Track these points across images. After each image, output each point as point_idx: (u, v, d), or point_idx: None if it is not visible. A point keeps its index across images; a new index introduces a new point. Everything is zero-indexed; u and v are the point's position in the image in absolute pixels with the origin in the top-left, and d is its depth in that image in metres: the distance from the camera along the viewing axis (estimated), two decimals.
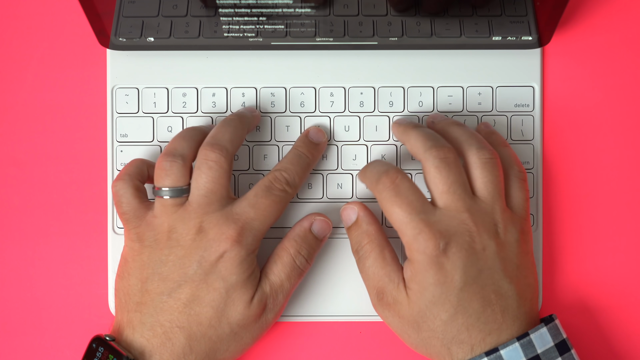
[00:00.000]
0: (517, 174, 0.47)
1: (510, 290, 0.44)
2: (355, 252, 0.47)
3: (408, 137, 0.47)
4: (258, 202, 0.45)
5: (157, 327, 0.44)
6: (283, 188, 0.46)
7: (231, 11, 0.47)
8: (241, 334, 0.45)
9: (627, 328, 0.52)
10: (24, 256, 0.52)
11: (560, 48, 0.52)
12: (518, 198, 0.47)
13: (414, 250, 0.43)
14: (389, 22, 0.49)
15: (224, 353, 0.45)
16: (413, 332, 0.45)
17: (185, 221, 0.45)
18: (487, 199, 0.45)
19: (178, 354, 0.44)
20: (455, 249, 0.43)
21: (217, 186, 0.45)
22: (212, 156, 0.45)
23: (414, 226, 0.43)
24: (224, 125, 0.47)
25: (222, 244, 0.44)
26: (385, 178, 0.45)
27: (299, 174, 0.47)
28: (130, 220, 0.46)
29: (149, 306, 0.44)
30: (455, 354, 0.44)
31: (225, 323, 0.45)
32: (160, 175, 0.46)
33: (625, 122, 0.52)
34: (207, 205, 0.45)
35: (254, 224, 0.45)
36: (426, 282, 0.43)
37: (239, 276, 0.44)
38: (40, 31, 0.52)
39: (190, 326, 0.44)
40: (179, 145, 0.46)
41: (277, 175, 0.46)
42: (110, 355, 0.43)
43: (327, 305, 0.51)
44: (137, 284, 0.45)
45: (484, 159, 0.45)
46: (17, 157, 0.52)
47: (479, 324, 0.44)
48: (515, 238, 0.45)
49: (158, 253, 0.45)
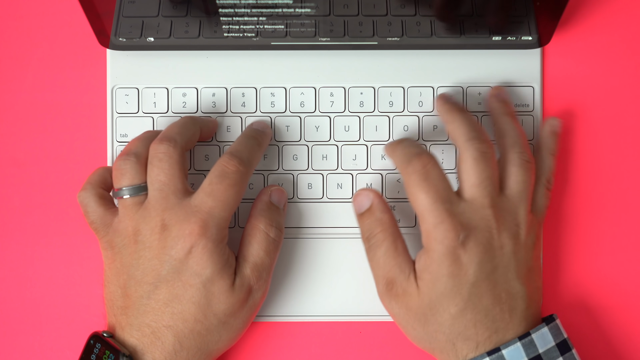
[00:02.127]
0: (546, 183, 0.48)
1: (521, 292, 0.44)
2: (366, 239, 0.47)
3: (452, 119, 0.47)
4: (214, 189, 0.44)
5: (144, 327, 0.44)
6: (236, 169, 0.45)
7: (231, 11, 0.47)
8: (230, 322, 0.45)
9: (628, 328, 0.52)
10: (24, 256, 0.52)
11: (560, 48, 0.52)
12: (540, 204, 0.47)
13: (433, 238, 0.43)
14: (389, 22, 0.49)
15: (216, 344, 0.45)
16: (419, 325, 0.45)
17: (147, 220, 0.44)
18: (514, 198, 0.45)
19: (169, 352, 0.44)
20: (473, 243, 0.43)
21: (169, 178, 0.44)
22: (161, 148, 0.45)
23: (437, 215, 0.43)
24: (173, 123, 0.47)
25: (187, 240, 0.43)
26: (417, 161, 0.44)
27: (251, 152, 0.46)
28: (99, 229, 0.46)
29: (132, 309, 0.45)
30: (460, 350, 0.44)
31: (211, 315, 0.44)
32: (117, 176, 0.46)
33: (625, 122, 0.52)
34: (163, 200, 0.44)
35: (215, 212, 0.44)
36: (440, 273, 0.43)
37: (212, 268, 0.44)
38: (40, 31, 0.52)
39: (176, 324, 0.44)
40: (133, 145, 0.47)
41: (227, 157, 0.45)
42: (107, 351, 0.43)
43: (327, 305, 0.51)
44: (117, 290, 0.45)
45: (523, 160, 0.46)
46: (17, 157, 0.52)
47: (486, 320, 0.43)
48: (532, 241, 0.46)
49: (129, 258, 0.45)
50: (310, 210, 0.51)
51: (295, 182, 0.51)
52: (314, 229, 0.51)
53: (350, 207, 0.51)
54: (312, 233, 0.51)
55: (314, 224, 0.51)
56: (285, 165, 0.51)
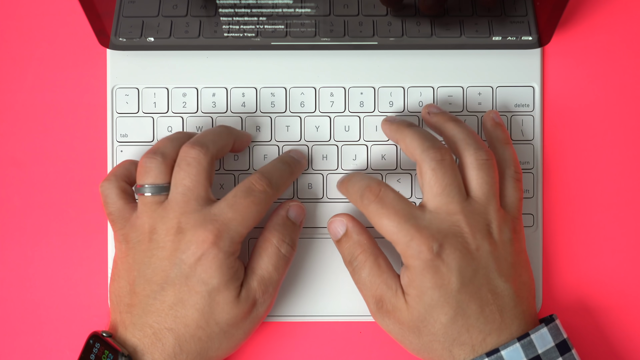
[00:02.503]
0: (513, 174, 0.47)
1: (506, 290, 0.44)
2: (349, 263, 0.47)
3: (403, 136, 0.47)
4: (237, 202, 0.44)
5: (146, 328, 0.44)
6: (264, 189, 0.45)
7: (231, 11, 0.47)
8: (232, 332, 0.45)
9: (628, 328, 0.52)
10: (24, 256, 0.52)
11: (560, 48, 0.52)
12: (512, 197, 0.47)
13: (409, 256, 0.43)
14: (389, 22, 0.49)
15: (216, 351, 0.45)
16: (414, 338, 0.45)
17: (165, 221, 0.44)
18: (482, 200, 0.45)
19: (169, 354, 0.44)
20: (449, 251, 0.43)
21: (194, 183, 0.44)
22: (192, 153, 0.45)
23: (405, 234, 0.43)
24: (209, 129, 0.47)
25: (200, 247, 0.43)
26: (368, 192, 0.45)
27: (281, 177, 0.47)
28: (116, 221, 0.46)
29: (137, 308, 0.45)
30: (457, 356, 0.44)
31: (213, 324, 0.44)
32: (141, 172, 0.46)
33: (625, 122, 0.52)
34: (184, 204, 0.44)
35: (232, 225, 0.44)
36: (424, 287, 0.43)
37: (219, 279, 0.44)
38: (40, 31, 0.52)
39: (177, 328, 0.44)
40: (162, 144, 0.46)
41: (257, 176, 0.46)
42: (106, 351, 0.43)
43: (327, 305, 0.51)
44: (126, 286, 0.45)
45: (480, 160, 0.45)
46: (17, 157, 0.52)
47: (478, 324, 0.44)
48: (508, 237, 0.45)
49: (141, 255, 0.45)
50: (310, 210, 0.51)
51: (296, 182, 0.51)
52: (314, 229, 0.51)
53: (350, 207, 0.51)
54: (312, 233, 0.51)
55: (314, 224, 0.51)
56: None
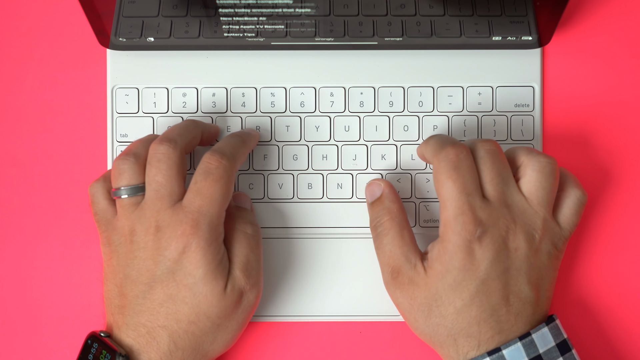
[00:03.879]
0: (580, 197, 0.46)
1: (529, 297, 0.44)
2: (374, 227, 0.47)
3: (442, 141, 0.46)
4: (200, 187, 0.44)
5: (140, 327, 0.44)
6: (219, 163, 0.45)
7: (231, 11, 0.47)
8: (224, 325, 0.45)
9: (628, 328, 0.52)
10: (24, 256, 0.52)
11: (560, 48, 0.52)
12: (569, 217, 0.46)
13: (451, 229, 0.43)
14: (389, 22, 0.49)
15: (211, 344, 0.45)
16: (421, 317, 0.45)
17: (142, 221, 0.44)
18: (534, 203, 0.44)
19: (164, 352, 0.44)
20: (489, 240, 0.43)
21: (166, 179, 0.44)
22: (161, 149, 0.45)
23: (459, 205, 0.43)
24: (174, 125, 0.48)
25: (180, 240, 0.43)
26: (451, 149, 0.44)
27: (233, 147, 0.46)
28: (100, 222, 0.46)
29: (128, 309, 0.45)
30: (461, 347, 0.44)
31: (204, 317, 0.44)
32: (115, 175, 0.46)
33: (625, 121, 0.52)
34: (158, 201, 0.44)
35: (204, 209, 0.44)
36: (451, 265, 0.43)
37: (205, 268, 0.44)
38: (40, 31, 0.52)
39: (170, 324, 0.44)
40: (134, 146, 0.47)
41: (208, 154, 0.45)
42: (104, 351, 0.43)
43: (327, 305, 0.51)
44: (114, 289, 0.46)
45: (543, 162, 0.45)
46: (17, 157, 0.52)
47: (491, 320, 0.43)
48: (548, 250, 0.45)
49: (125, 257, 0.45)
50: (310, 210, 0.51)
51: (295, 182, 0.51)
52: (314, 229, 0.51)
53: (351, 208, 0.51)
54: (312, 233, 0.51)
55: (314, 224, 0.51)
56: (285, 165, 0.51)
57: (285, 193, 0.51)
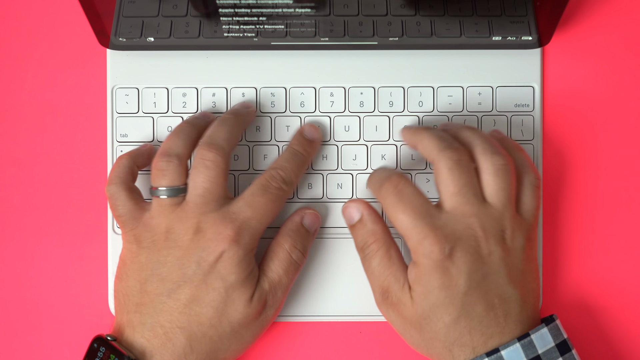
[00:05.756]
0: (532, 181, 0.47)
1: (513, 295, 0.44)
2: (361, 250, 0.47)
3: (420, 138, 0.46)
4: (255, 200, 0.45)
5: (157, 327, 0.44)
6: (279, 186, 0.46)
7: (231, 11, 0.47)
8: (242, 333, 0.45)
9: (628, 328, 0.52)
10: (24, 256, 0.52)
11: (560, 48, 0.52)
12: (529, 204, 0.46)
13: (420, 254, 0.43)
14: (389, 22, 0.49)
15: (225, 352, 0.45)
16: (415, 333, 0.45)
17: (183, 221, 0.45)
18: (497, 206, 0.44)
19: (179, 354, 0.44)
20: (460, 254, 0.43)
21: (214, 185, 0.45)
22: (209, 156, 0.45)
23: (419, 231, 0.43)
24: (220, 124, 0.47)
25: (220, 244, 0.44)
26: (387, 184, 0.45)
27: (295, 171, 0.47)
28: (127, 222, 0.46)
29: (148, 307, 0.44)
30: (457, 356, 0.44)
31: (226, 322, 0.45)
32: (157, 175, 0.46)
33: (625, 121, 0.52)
34: (204, 205, 0.45)
35: (251, 222, 0.45)
36: (430, 286, 0.43)
37: (238, 275, 0.44)
38: (40, 31, 0.52)
39: (190, 326, 0.44)
40: (174, 144, 0.46)
41: (273, 173, 0.46)
42: (112, 355, 0.43)
43: (327, 305, 0.51)
44: (135, 285, 0.45)
45: (497, 164, 0.45)
46: (17, 157, 0.52)
47: (481, 327, 0.43)
48: (521, 244, 0.45)
49: (156, 254, 0.45)
50: None
51: None
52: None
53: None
54: None
55: None
56: None
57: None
